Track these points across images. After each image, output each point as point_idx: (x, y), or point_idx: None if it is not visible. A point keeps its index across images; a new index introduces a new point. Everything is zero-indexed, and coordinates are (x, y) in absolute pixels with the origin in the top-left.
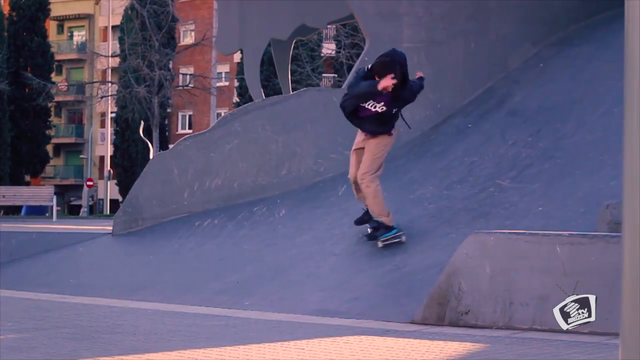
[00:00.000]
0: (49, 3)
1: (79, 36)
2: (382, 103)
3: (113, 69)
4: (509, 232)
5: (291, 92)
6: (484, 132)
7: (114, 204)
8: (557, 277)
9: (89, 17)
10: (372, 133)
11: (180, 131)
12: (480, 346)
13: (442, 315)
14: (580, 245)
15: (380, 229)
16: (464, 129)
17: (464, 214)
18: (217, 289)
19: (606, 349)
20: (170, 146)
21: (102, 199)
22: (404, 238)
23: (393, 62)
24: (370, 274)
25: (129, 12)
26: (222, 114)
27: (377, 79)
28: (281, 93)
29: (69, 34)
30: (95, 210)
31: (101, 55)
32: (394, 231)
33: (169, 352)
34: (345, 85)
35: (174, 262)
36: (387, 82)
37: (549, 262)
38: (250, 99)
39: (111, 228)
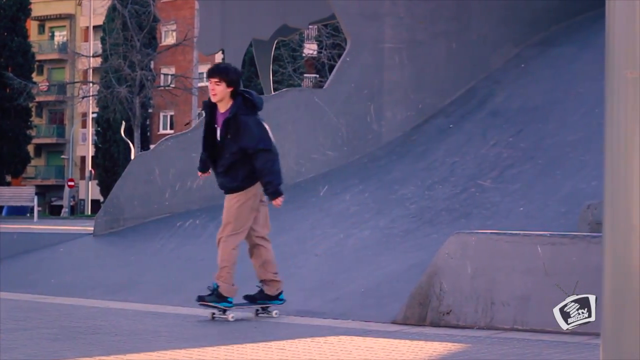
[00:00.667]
0: (30, 3)
1: (60, 36)
2: (219, 129)
3: (94, 69)
4: (491, 233)
5: (272, 93)
6: (466, 132)
7: (95, 205)
8: (538, 277)
9: (70, 17)
10: (220, 186)
11: (161, 131)
12: (461, 346)
13: (423, 315)
14: (562, 246)
15: (213, 293)
16: (445, 129)
17: (445, 214)
18: (198, 289)
19: (587, 349)
20: (152, 146)
21: (84, 199)
22: (230, 317)
23: (225, 67)
24: (352, 274)
25: (111, 12)
26: (204, 115)
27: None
28: (262, 93)
29: (50, 34)
30: (76, 211)
31: (82, 55)
32: (223, 304)
33: (150, 353)
34: None
35: (155, 262)
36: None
37: (530, 263)
38: None
39: (92, 228)
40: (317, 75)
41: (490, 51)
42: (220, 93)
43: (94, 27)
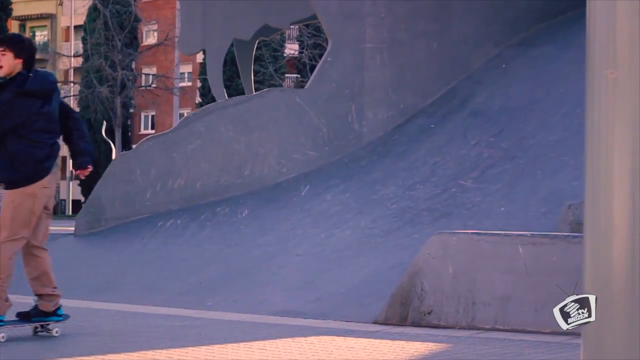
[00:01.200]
0: (11, 3)
1: (41, 36)
2: None
3: (75, 69)
4: (472, 233)
5: (254, 93)
6: (447, 132)
7: (77, 205)
8: (519, 277)
9: (51, 17)
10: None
11: (142, 131)
12: (442, 346)
13: (404, 315)
14: (542, 246)
15: None
16: (426, 129)
17: (426, 215)
18: (179, 290)
19: (568, 349)
20: (133, 146)
21: (65, 200)
22: (1, 337)
23: (16, 36)
24: (333, 275)
25: (92, 12)
26: (185, 115)
27: None
28: (244, 93)
29: (31, 34)
30: (57, 211)
31: (63, 55)
32: None
33: (131, 353)
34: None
35: (136, 262)
36: None
37: (511, 262)
38: (213, 99)
39: (73, 228)
40: (299, 75)
41: (471, 51)
42: (6, 64)
43: (75, 27)
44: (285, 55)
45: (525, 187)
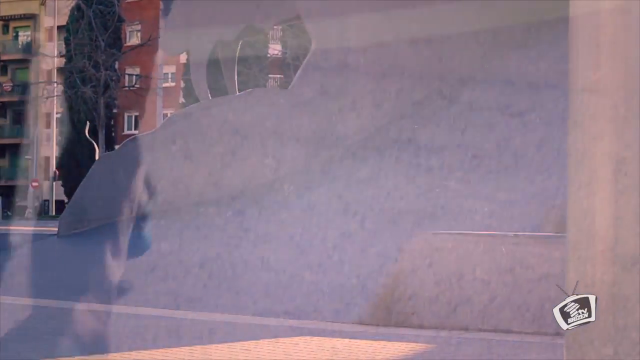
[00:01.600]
0: None
1: (24, 36)
2: None
3: (59, 70)
4: (455, 233)
5: (237, 93)
6: (431, 133)
7: (60, 205)
8: (503, 277)
9: (34, 17)
10: None
11: (126, 132)
12: (426, 346)
13: (388, 315)
14: (526, 246)
15: None
16: (410, 130)
17: (410, 215)
18: (162, 290)
19: (551, 349)
20: (117, 147)
21: (48, 200)
22: None
23: None
24: (317, 275)
25: (75, 12)
26: (169, 115)
27: None
28: (227, 94)
29: (14, 34)
30: (40, 212)
31: (47, 55)
32: None
33: (114, 354)
34: None
35: (119, 263)
36: None
37: (495, 263)
38: (197, 100)
39: (57, 229)
40: (282, 76)
41: (456, 53)
42: None
43: (58, 27)
44: (269, 55)
45: (509, 187)
